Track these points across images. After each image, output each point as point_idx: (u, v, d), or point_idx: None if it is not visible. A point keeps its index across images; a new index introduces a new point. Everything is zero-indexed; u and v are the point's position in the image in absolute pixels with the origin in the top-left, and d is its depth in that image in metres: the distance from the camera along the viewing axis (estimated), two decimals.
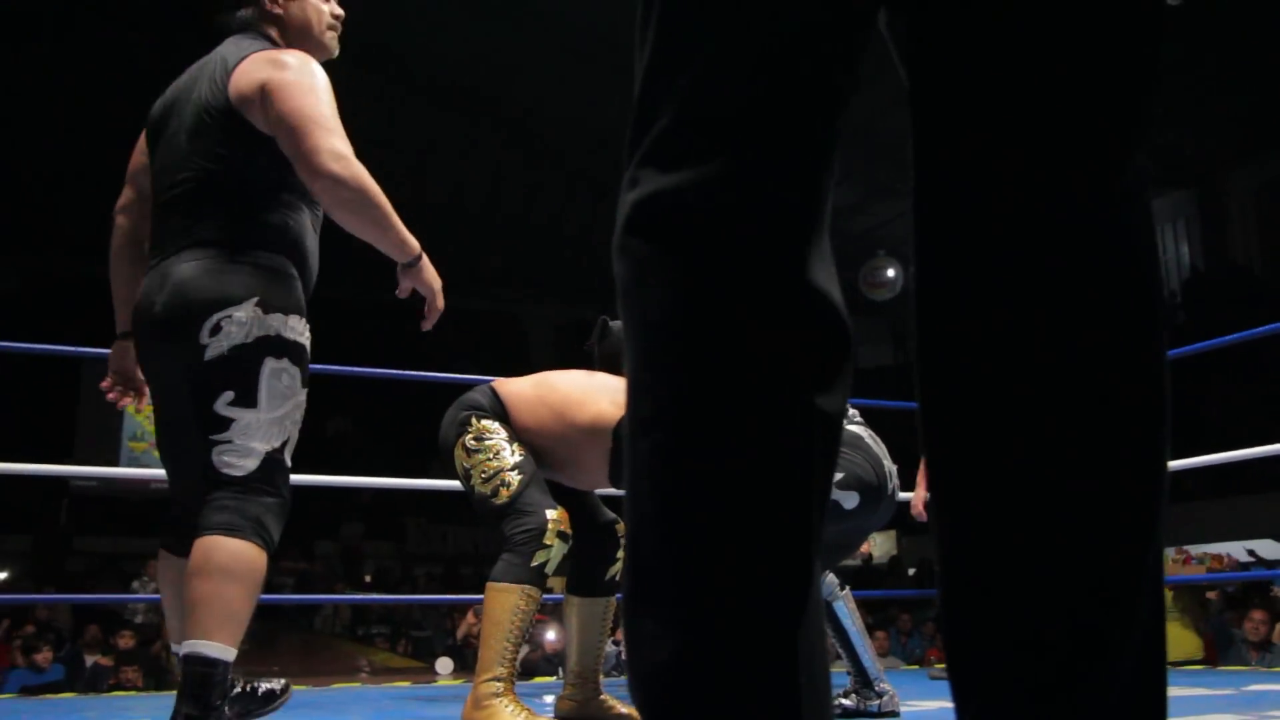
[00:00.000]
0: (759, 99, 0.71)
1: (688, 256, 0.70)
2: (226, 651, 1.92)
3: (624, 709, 2.70)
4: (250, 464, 2.01)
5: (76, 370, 16.79)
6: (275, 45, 2.22)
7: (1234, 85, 13.49)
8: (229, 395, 2.01)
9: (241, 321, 2.01)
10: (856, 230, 16.42)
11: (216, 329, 2.00)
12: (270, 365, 2.03)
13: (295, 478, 2.19)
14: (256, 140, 2.08)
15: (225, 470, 2.01)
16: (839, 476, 2.66)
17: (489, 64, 12.47)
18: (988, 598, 0.69)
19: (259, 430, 2.02)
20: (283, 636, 13.70)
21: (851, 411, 2.92)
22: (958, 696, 0.70)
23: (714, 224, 0.70)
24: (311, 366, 2.15)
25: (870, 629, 7.97)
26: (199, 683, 1.89)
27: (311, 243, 2.21)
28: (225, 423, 2.01)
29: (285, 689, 2.21)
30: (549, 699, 3.14)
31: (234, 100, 2.08)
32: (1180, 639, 7.05)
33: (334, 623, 14.66)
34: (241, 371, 2.01)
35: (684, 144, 0.71)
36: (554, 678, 5.61)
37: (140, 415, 17.55)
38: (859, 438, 2.80)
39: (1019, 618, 0.67)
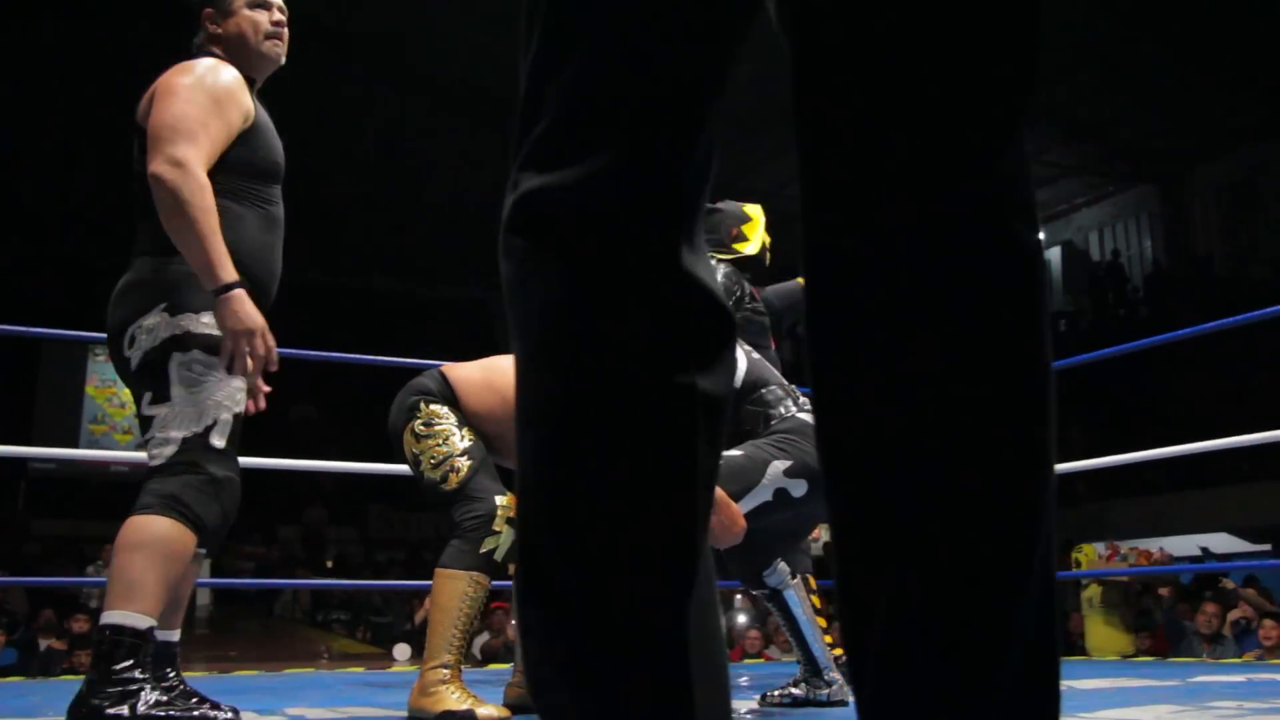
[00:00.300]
0: (633, 97, 0.72)
1: (565, 253, 0.72)
2: (131, 617, 1.98)
3: None
4: (168, 450, 2.11)
5: (36, 351, 16.61)
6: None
7: (1198, 83, 13.62)
8: (149, 396, 2.15)
9: (150, 329, 2.13)
10: None
11: (132, 341, 2.15)
12: (176, 359, 2.13)
13: (257, 461, 2.22)
14: None
15: (150, 463, 2.13)
16: (787, 464, 2.66)
17: (458, 49, 12.40)
18: (871, 588, 0.68)
19: (174, 420, 2.12)
20: (241, 622, 13.64)
21: (801, 399, 2.92)
22: (855, 683, 0.70)
23: (589, 220, 0.71)
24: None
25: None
26: (101, 649, 1.97)
27: (255, 240, 2.24)
28: (149, 421, 2.14)
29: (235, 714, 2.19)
30: None
31: (139, 118, 2.23)
32: (1109, 637, 6.99)
33: (294, 608, 14.57)
34: (154, 373, 2.14)
35: (560, 144, 0.72)
36: (511, 664, 5.59)
37: (101, 398, 17.40)
38: (807, 425, 2.79)
39: (900, 609, 0.67)
